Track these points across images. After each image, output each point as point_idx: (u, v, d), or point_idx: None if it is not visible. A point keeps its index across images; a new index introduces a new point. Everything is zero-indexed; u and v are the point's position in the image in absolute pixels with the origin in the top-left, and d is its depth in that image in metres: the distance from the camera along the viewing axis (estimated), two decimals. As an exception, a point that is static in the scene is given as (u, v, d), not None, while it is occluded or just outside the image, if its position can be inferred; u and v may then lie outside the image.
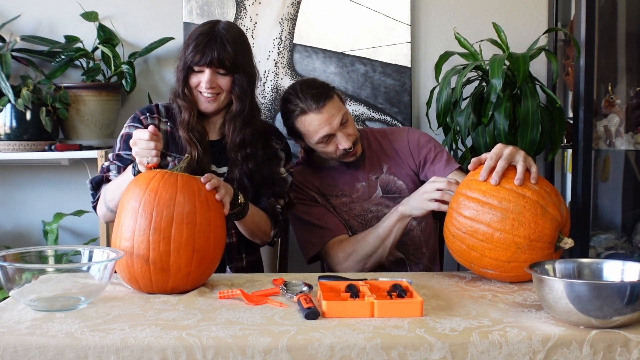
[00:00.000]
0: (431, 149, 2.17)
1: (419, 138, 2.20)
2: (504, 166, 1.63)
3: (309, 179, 2.21)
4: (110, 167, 2.01)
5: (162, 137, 1.99)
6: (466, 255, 1.66)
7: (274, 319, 1.38)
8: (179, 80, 1.98)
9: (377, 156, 2.20)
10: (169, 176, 1.61)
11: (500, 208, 1.60)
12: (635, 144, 2.63)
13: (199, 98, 1.99)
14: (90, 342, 1.25)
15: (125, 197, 1.62)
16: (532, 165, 1.66)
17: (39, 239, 2.77)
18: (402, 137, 2.23)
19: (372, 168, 2.19)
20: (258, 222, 1.99)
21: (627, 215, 2.85)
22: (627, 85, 2.82)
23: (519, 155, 1.66)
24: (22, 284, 1.46)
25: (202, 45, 1.92)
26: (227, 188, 1.75)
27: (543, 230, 1.59)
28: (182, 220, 1.57)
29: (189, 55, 1.94)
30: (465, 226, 1.63)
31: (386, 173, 2.18)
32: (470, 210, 1.63)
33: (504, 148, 1.67)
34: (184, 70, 1.96)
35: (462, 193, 1.68)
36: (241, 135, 1.99)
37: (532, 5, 2.81)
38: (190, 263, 1.57)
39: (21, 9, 2.72)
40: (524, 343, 1.27)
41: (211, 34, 1.95)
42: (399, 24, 2.77)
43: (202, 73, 1.95)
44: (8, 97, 2.48)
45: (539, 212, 1.59)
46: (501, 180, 1.63)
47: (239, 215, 1.88)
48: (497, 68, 2.31)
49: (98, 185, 2.01)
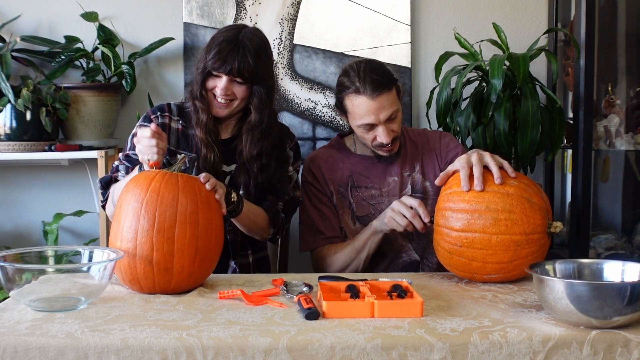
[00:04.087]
0: (458, 153, 2.16)
1: (449, 141, 2.21)
2: (481, 170, 1.67)
3: (339, 165, 2.18)
4: (119, 167, 2.02)
5: (173, 135, 2.00)
6: (467, 267, 1.66)
7: (274, 319, 1.38)
8: (197, 82, 1.99)
9: (412, 154, 2.19)
10: (170, 177, 1.61)
11: (490, 211, 1.61)
12: (635, 144, 2.63)
13: (213, 101, 2.00)
14: (91, 343, 1.25)
15: (124, 198, 1.61)
16: (503, 162, 1.70)
17: (39, 239, 2.77)
18: (434, 137, 2.23)
19: (404, 164, 2.17)
20: (254, 219, 1.98)
21: (627, 215, 2.85)
22: (627, 85, 2.81)
23: (486, 156, 1.71)
24: (22, 285, 1.46)
25: (225, 53, 1.93)
26: (221, 187, 1.75)
27: (535, 222, 1.61)
28: (185, 221, 1.57)
29: (209, 60, 1.94)
30: (460, 239, 1.63)
31: (417, 172, 2.17)
32: (461, 222, 1.63)
33: (469, 156, 1.72)
34: (202, 73, 1.97)
35: (445, 208, 1.68)
36: (259, 147, 2.00)
37: (532, 6, 2.81)
38: (193, 263, 1.58)
39: (21, 9, 2.72)
40: (524, 343, 1.27)
41: (234, 42, 1.94)
42: (399, 24, 2.77)
43: (219, 78, 1.96)
44: (8, 97, 2.48)
45: (526, 206, 1.61)
46: (489, 182, 1.65)
47: (232, 212, 1.87)
48: (497, 68, 2.31)
49: (107, 184, 2.02)
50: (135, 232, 1.56)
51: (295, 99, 2.78)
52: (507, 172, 1.69)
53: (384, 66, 2.10)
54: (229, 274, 2.03)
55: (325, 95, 2.76)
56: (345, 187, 2.17)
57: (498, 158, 1.71)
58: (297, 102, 2.78)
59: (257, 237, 2.06)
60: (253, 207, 1.98)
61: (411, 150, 2.20)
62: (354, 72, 2.03)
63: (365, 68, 2.03)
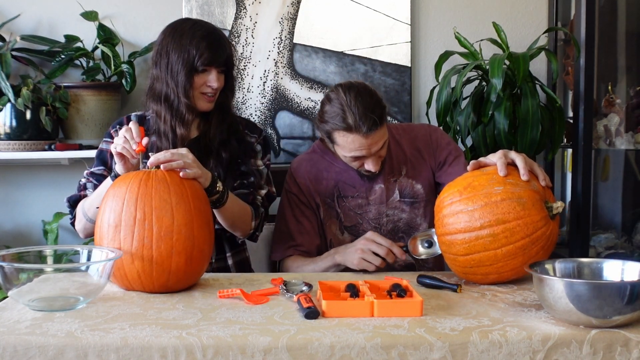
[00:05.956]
0: (451, 151, 2.13)
1: (440, 138, 2.15)
2: (525, 163, 1.65)
3: (323, 175, 2.13)
4: (87, 185, 2.00)
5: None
6: (487, 279, 1.65)
7: (274, 318, 1.38)
8: (183, 80, 1.93)
9: (397, 158, 2.13)
10: (156, 173, 1.62)
11: (485, 228, 1.57)
12: (635, 143, 2.63)
13: (200, 98, 1.99)
14: (90, 342, 1.25)
15: (115, 201, 1.59)
16: (533, 164, 1.68)
17: (39, 238, 2.77)
18: (423, 134, 2.16)
19: (391, 170, 2.12)
20: (238, 212, 1.94)
21: (627, 214, 2.85)
22: (627, 84, 2.81)
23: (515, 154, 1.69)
24: (20, 284, 1.46)
25: (211, 46, 1.93)
26: (205, 173, 1.75)
27: (533, 220, 1.57)
28: (181, 220, 1.57)
29: (197, 57, 1.92)
30: (468, 261, 1.61)
31: (405, 176, 2.12)
32: (462, 247, 1.60)
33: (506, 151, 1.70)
34: (188, 71, 1.94)
35: (444, 234, 1.64)
36: (224, 125, 2.03)
37: (532, 5, 2.81)
38: (190, 261, 1.58)
39: (21, 9, 2.72)
40: (524, 343, 1.27)
41: (215, 35, 1.96)
42: (399, 24, 2.77)
43: (206, 73, 1.96)
44: (8, 96, 2.48)
45: (517, 208, 1.57)
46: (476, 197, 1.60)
47: (216, 203, 1.83)
48: (497, 67, 2.31)
49: (75, 203, 2.00)
50: (131, 233, 1.55)
51: (295, 99, 2.78)
52: (538, 178, 1.66)
53: (375, 95, 1.98)
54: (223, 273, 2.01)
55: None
56: (331, 197, 2.12)
57: (529, 160, 1.68)
58: (297, 101, 2.77)
59: (238, 232, 2.01)
60: (237, 200, 1.94)
61: (396, 153, 2.13)
62: (346, 106, 1.92)
63: (357, 102, 1.91)
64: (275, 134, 2.77)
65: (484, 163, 1.72)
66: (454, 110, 2.53)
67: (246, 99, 2.76)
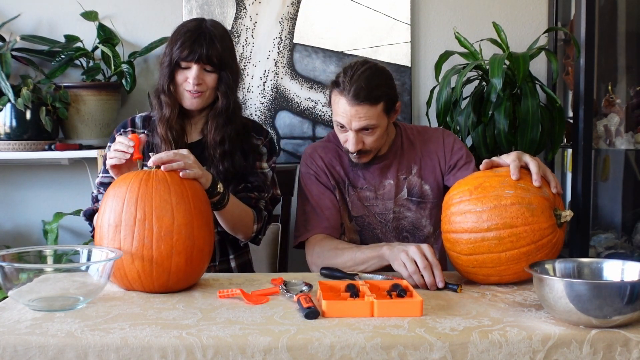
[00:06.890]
0: (462, 156, 2.13)
1: (453, 142, 2.16)
2: (538, 168, 1.65)
3: (336, 161, 2.14)
4: (98, 197, 2.00)
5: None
6: (487, 280, 1.65)
7: (274, 318, 1.38)
8: (164, 76, 1.97)
9: (408, 156, 2.14)
10: (156, 173, 1.62)
11: (492, 230, 1.57)
12: (635, 143, 2.63)
13: (184, 95, 1.99)
14: (91, 342, 1.25)
15: (116, 201, 1.59)
16: (546, 169, 1.68)
17: (39, 238, 2.77)
18: (437, 137, 2.17)
19: (401, 167, 2.13)
20: (240, 214, 1.94)
21: (627, 214, 2.85)
22: (627, 84, 2.81)
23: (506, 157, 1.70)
24: (20, 284, 1.46)
25: (191, 42, 1.93)
26: (206, 174, 1.74)
27: (540, 227, 1.57)
28: (181, 220, 1.57)
29: (176, 51, 1.94)
30: (471, 261, 1.61)
31: (414, 175, 2.12)
32: (466, 246, 1.60)
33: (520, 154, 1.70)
34: (169, 66, 1.96)
35: (449, 231, 1.64)
36: (222, 132, 1.99)
37: (532, 5, 2.81)
38: (190, 261, 1.58)
39: (21, 9, 2.72)
40: (524, 342, 1.27)
41: (199, 31, 1.96)
42: (399, 24, 2.77)
43: (188, 69, 1.96)
44: (8, 96, 2.48)
45: (526, 214, 1.56)
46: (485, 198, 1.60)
47: (217, 205, 1.83)
48: (497, 67, 2.31)
49: (91, 216, 2.00)
50: (132, 234, 1.55)
51: (295, 98, 2.78)
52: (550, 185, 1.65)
53: (383, 77, 2.00)
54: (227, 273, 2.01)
55: (325, 95, 2.76)
56: (343, 184, 2.13)
57: (543, 165, 1.68)
58: (297, 101, 2.78)
59: (240, 235, 2.01)
60: (238, 202, 1.94)
61: (408, 150, 2.15)
62: (349, 72, 1.97)
63: (360, 73, 1.95)
64: (276, 134, 2.77)
65: (497, 163, 1.71)
66: (454, 110, 2.54)
67: (246, 99, 2.76)
